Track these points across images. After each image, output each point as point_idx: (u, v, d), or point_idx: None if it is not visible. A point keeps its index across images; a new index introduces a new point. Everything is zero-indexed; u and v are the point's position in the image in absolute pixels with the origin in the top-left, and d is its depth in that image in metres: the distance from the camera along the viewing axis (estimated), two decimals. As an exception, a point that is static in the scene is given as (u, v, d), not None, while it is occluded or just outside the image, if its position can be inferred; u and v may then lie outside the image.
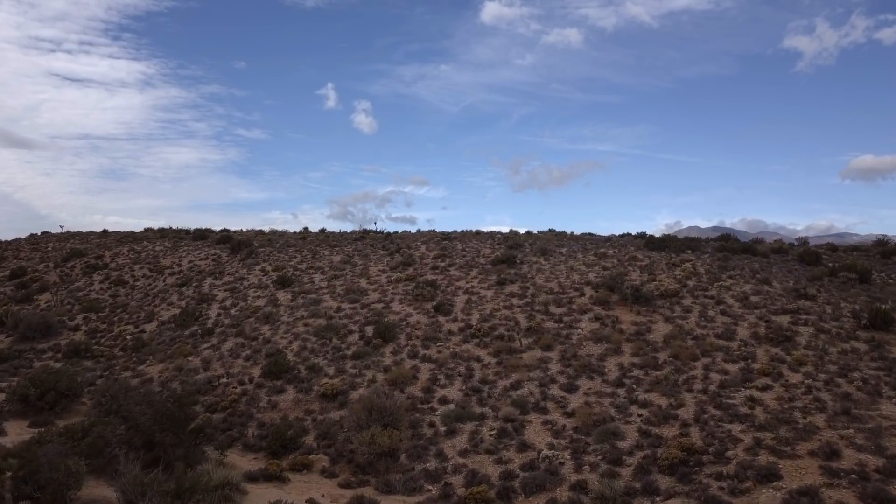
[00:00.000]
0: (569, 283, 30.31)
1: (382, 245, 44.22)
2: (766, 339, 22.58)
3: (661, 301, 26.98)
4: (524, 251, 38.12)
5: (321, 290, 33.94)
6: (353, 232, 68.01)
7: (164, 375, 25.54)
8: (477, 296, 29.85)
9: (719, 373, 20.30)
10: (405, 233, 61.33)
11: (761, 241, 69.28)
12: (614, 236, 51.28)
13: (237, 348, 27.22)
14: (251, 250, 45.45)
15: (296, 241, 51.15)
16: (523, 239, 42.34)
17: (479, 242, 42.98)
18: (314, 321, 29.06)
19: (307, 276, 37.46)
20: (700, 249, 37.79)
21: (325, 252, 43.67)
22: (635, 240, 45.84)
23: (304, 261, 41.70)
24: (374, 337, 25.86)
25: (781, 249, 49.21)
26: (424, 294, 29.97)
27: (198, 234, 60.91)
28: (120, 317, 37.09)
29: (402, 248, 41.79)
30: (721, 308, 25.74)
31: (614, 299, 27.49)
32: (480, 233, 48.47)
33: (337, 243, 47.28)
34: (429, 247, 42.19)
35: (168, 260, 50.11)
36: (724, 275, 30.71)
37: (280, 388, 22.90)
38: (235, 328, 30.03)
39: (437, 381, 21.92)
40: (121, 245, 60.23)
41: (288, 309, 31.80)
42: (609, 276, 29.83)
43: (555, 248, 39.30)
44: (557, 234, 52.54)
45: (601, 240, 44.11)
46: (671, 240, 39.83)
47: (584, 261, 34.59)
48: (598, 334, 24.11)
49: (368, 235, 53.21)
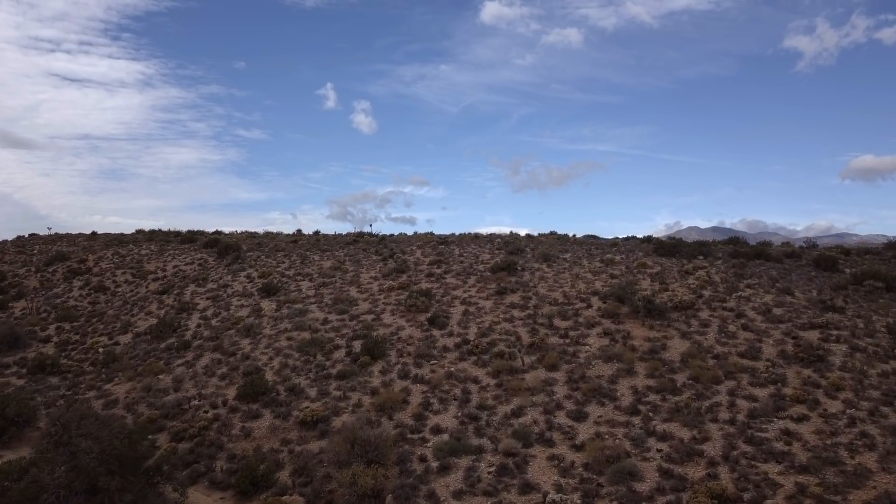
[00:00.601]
0: (574, 293, 28.04)
1: (376, 249, 41.96)
2: (795, 358, 20.31)
3: (676, 314, 24.71)
4: (525, 257, 35.85)
5: (308, 300, 31.67)
6: (347, 234, 65.84)
7: (131, 396, 23.26)
8: (475, 307, 27.58)
9: (747, 399, 18.03)
10: (401, 235, 59.13)
11: (769, 243, 67.06)
12: (619, 240, 49.03)
13: (213, 365, 24.95)
14: (238, 255, 43.17)
15: (286, 245, 48.89)
16: (524, 243, 40.07)
17: (478, 247, 40.72)
18: (298, 335, 26.79)
19: (294, 284, 35.19)
20: (712, 255, 35.54)
21: (316, 257, 41.40)
22: (642, 244, 43.56)
23: (293, 266, 39.43)
24: (361, 353, 23.59)
25: (794, 254, 46.99)
26: (418, 304, 27.71)
27: (186, 237, 58.68)
28: (95, 327, 34.81)
29: (396, 253, 39.53)
30: (742, 322, 23.47)
31: (624, 311, 25.22)
32: (479, 236, 46.21)
33: (328, 247, 45.02)
34: (424, 251, 39.92)
35: (152, 265, 47.86)
36: (742, 284, 28.45)
37: (256, 412, 20.62)
38: (214, 342, 27.76)
39: (430, 406, 19.66)
40: (106, 248, 58.03)
41: (271, 320, 29.52)
42: (618, 286, 27.56)
43: (558, 253, 37.03)
44: (560, 237, 50.30)
45: (607, 244, 41.83)
46: (681, 245, 37.58)
47: (589, 268, 32.32)
48: (607, 352, 21.84)
49: (362, 238, 50.96)
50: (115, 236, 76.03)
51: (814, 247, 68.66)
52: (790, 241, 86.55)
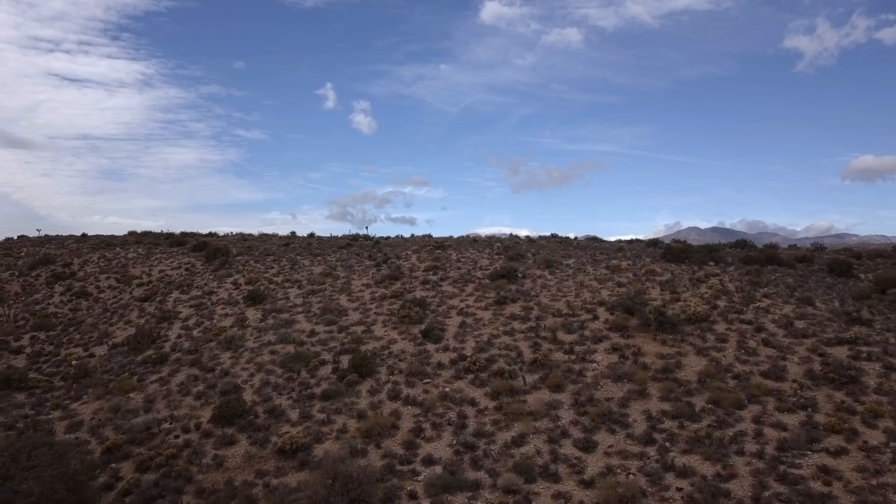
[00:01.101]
0: (579, 303, 26.16)
1: (369, 254, 40.08)
2: (824, 378, 18.45)
3: (690, 327, 22.83)
4: (526, 263, 33.97)
5: (295, 309, 29.79)
6: (342, 237, 64.04)
7: (98, 417, 21.37)
8: (472, 318, 25.70)
9: (775, 427, 16.17)
10: (398, 238, 57.33)
11: (776, 245, 65.23)
12: (623, 242, 47.17)
13: (189, 382, 23.06)
14: (225, 260, 41.28)
15: (277, 249, 47.02)
16: (525, 248, 38.21)
17: (477, 252, 38.85)
18: (282, 348, 24.93)
19: (282, 291, 33.31)
20: (724, 261, 33.66)
21: (306, 262, 39.53)
22: (648, 248, 41.71)
23: (282, 272, 37.56)
24: (349, 370, 21.70)
25: (806, 258, 45.26)
26: (412, 315, 25.83)
27: (175, 240, 56.76)
28: (71, 336, 32.92)
29: (391, 258, 37.65)
30: (763, 337, 21.59)
31: (633, 324, 23.35)
32: (478, 240, 44.34)
33: (321, 251, 43.14)
34: (420, 256, 38.06)
35: (138, 269, 45.99)
36: (758, 293, 26.58)
37: (231, 437, 18.74)
38: (192, 355, 25.88)
39: (422, 433, 17.78)
40: (93, 251, 56.13)
41: (255, 331, 27.65)
42: (626, 296, 25.72)
43: (560, 258, 35.16)
44: (562, 240, 48.44)
45: (611, 248, 39.95)
46: (690, 249, 35.72)
47: (595, 275, 30.44)
48: (617, 370, 19.96)
49: (357, 242, 49.10)
50: (105, 238, 74.16)
51: (821, 249, 66.96)
52: (797, 244, 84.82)
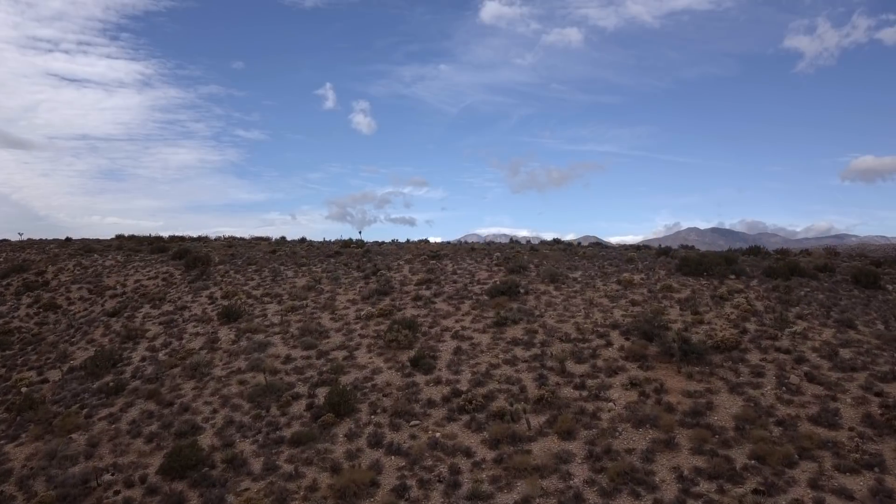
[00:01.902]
0: (589, 326, 23.15)
1: (358, 264, 37.04)
2: (886, 426, 15.47)
3: (718, 356, 19.84)
4: (528, 276, 30.94)
5: (272, 329, 26.78)
6: (335, 242, 61.05)
7: (31, 465, 18.37)
8: (469, 342, 22.69)
9: (837, 495, 13.18)
10: (392, 243, 54.34)
11: (787, 251, 62.27)
12: (633, 251, 44.09)
13: (143, 419, 20.06)
14: (203, 271, 38.25)
15: (262, 257, 43.98)
16: (526, 259, 35.17)
17: (474, 262, 35.82)
18: (253, 377, 21.92)
19: (260, 307, 30.28)
20: (745, 273, 30.65)
21: (290, 273, 36.49)
22: (660, 258, 38.67)
23: (262, 285, 34.54)
24: (325, 407, 18.70)
25: (827, 267, 42.33)
26: (400, 340, 22.82)
27: (156, 246, 53.69)
28: (27, 357, 29.91)
29: (381, 269, 34.62)
30: (805, 370, 18.59)
31: (653, 352, 20.35)
32: (475, 248, 41.32)
33: (307, 260, 40.09)
34: (413, 267, 35.03)
35: (113, 279, 42.99)
36: (791, 313, 23.59)
37: (180, 496, 15.72)
38: (152, 384, 22.88)
39: (407, 492, 14.79)
40: (70, 258, 53.08)
41: (226, 355, 24.65)
42: (642, 317, 22.74)
43: (566, 270, 32.13)
44: (566, 247, 45.41)
45: (620, 258, 36.89)
46: (708, 261, 32.71)
47: (605, 291, 27.42)
48: (637, 412, 16.96)
49: (347, 249, 46.09)
50: (88, 243, 71.30)
51: (836, 255, 63.99)
52: (809, 249, 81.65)
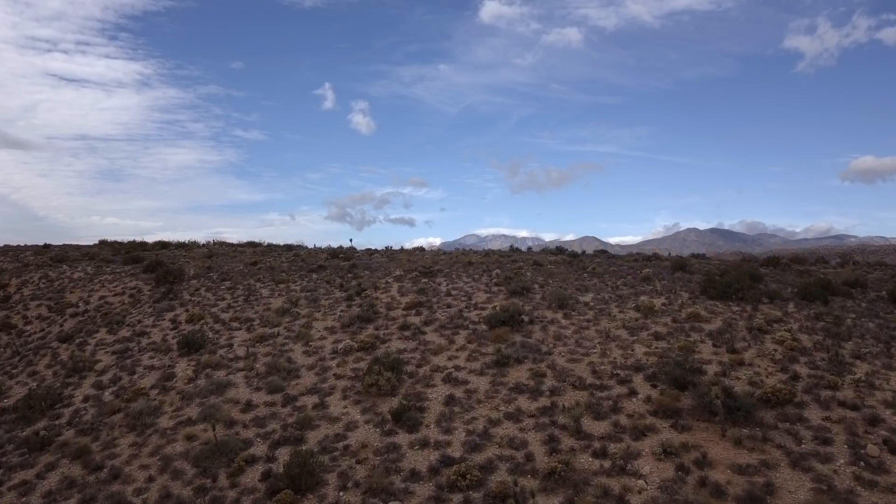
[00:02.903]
0: (607, 367, 19.43)
1: (342, 282, 33.29)
2: None
3: (770, 413, 16.13)
4: (533, 299, 27.21)
5: (235, 364, 23.07)
6: (325, 249, 57.45)
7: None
8: (463, 388, 18.95)
9: None
10: (385, 253, 50.68)
11: (804, 258, 58.62)
12: (642, 261, 40.46)
13: (61, 490, 16.33)
14: (169, 289, 34.50)
15: (239, 271, 40.25)
16: (530, 278, 31.44)
17: (472, 280, 32.08)
18: (204, 430, 18.20)
19: (226, 335, 26.57)
20: (780, 296, 26.94)
21: (265, 292, 32.76)
22: (676, 272, 34.97)
23: (234, 306, 30.80)
24: (283, 479, 14.98)
25: (858, 282, 38.76)
26: (381, 384, 19.09)
27: (130, 256, 49.89)
28: (-42, 393, 26.24)
29: (366, 288, 30.87)
30: (883, 435, 14.89)
31: (687, 405, 16.66)
32: (473, 262, 37.58)
33: (286, 277, 36.35)
34: (402, 286, 31.30)
35: (76, 294, 39.31)
36: (845, 350, 19.89)
37: None
38: (85, 437, 19.19)
39: None
40: (38, 270, 49.31)
41: (178, 398, 20.94)
42: (669, 355, 19.05)
43: (575, 292, 28.41)
44: (571, 259, 41.74)
45: (633, 273, 33.17)
46: (734, 282, 29.02)
47: (622, 320, 23.69)
48: (676, 495, 13.25)
49: (332, 262, 42.37)
50: (70, 248, 67.76)
51: (854, 263, 60.34)
52: (826, 258, 78.03)
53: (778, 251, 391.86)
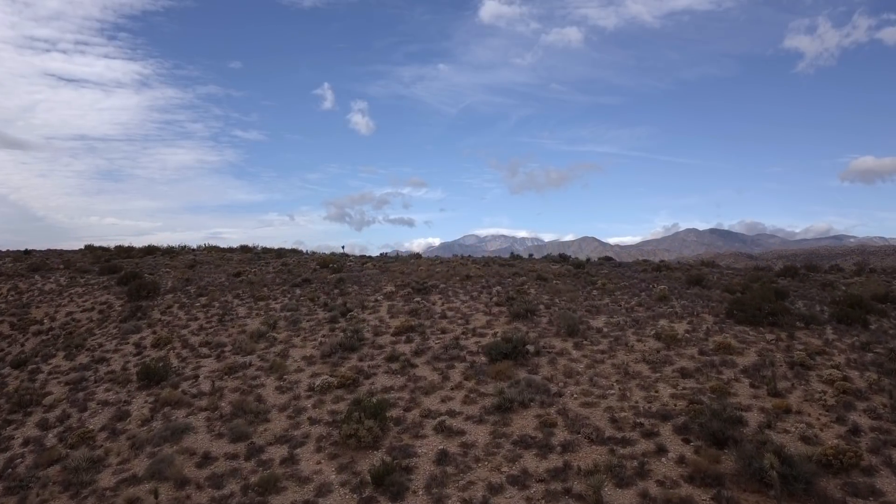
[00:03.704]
0: (629, 414, 16.50)
1: (327, 299, 30.30)
2: None
3: (833, 482, 13.21)
4: (538, 323, 24.25)
5: (198, 401, 20.11)
6: (314, 256, 54.58)
7: None
8: (459, 441, 15.98)
9: None
10: (377, 264, 47.76)
11: (816, 266, 55.80)
12: (652, 270, 37.53)
13: (-32, 574, 13.45)
14: (136, 308, 31.50)
15: (219, 284, 37.29)
16: (534, 297, 28.47)
17: (470, 298, 29.12)
18: (149, 495, 15.23)
19: (193, 363, 23.61)
20: (815, 320, 24.00)
21: (242, 310, 29.78)
22: (692, 287, 32.03)
23: (206, 327, 27.83)
24: (235, 569, 12.04)
25: (889, 296, 36.03)
26: (361, 435, 16.13)
27: (107, 266, 46.86)
28: None
29: (353, 309, 27.89)
30: (981, 517, 11.99)
31: (729, 469, 13.73)
32: (471, 276, 34.63)
33: (267, 292, 33.35)
34: (393, 306, 28.32)
35: (42, 310, 36.32)
36: (905, 392, 16.96)
37: None
38: (10, 499, 16.24)
39: None
40: (8, 280, 46.27)
41: (128, 445, 17.99)
42: (700, 399, 16.13)
43: (585, 314, 25.48)
44: (577, 270, 38.81)
45: (647, 288, 30.20)
46: (760, 296, 26.13)
47: (642, 351, 20.73)
48: None
49: (318, 275, 39.40)
50: (53, 253, 64.83)
51: (871, 271, 57.63)
52: (836, 262, 75.03)
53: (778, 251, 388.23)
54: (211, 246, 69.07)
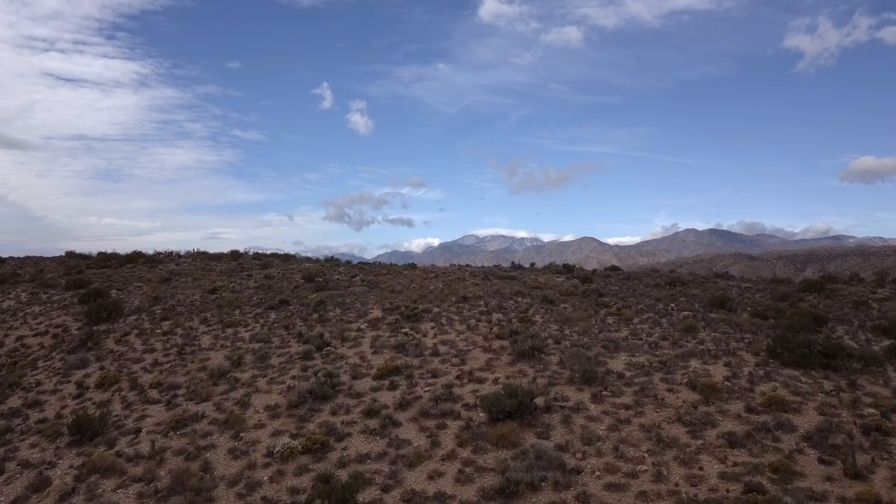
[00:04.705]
0: (668, 502, 12.84)
1: (303, 328, 26.57)
2: None
3: None
4: (547, 365, 20.53)
5: (132, 470, 16.43)
6: (303, 268, 51.00)
7: None
8: (450, 540, 12.35)
9: None
10: (371, 272, 44.08)
11: (833, 277, 52.32)
12: (668, 286, 33.85)
13: None
14: (89, 335, 27.77)
15: (190, 305, 33.60)
16: (542, 328, 24.78)
17: (466, 326, 25.42)
18: None
19: (139, 411, 19.92)
20: (874, 358, 20.31)
21: (205, 341, 26.08)
22: (714, 310, 28.33)
23: (164, 361, 24.14)
24: None
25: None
26: (324, 533, 12.47)
27: (74, 280, 43.08)
28: None
29: (334, 338, 24.21)
30: None
31: None
32: (469, 297, 30.94)
33: (238, 317, 29.63)
34: (378, 336, 24.62)
35: (-8, 332, 32.61)
36: None
37: None
38: None
39: None
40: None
41: (36, 533, 14.33)
42: (767, 492, 12.49)
43: (602, 350, 21.80)
44: (585, 290, 35.19)
45: (666, 311, 26.53)
46: (800, 325, 22.55)
47: (674, 406, 17.01)
48: None
49: (307, 286, 35.71)
50: (31, 262, 61.12)
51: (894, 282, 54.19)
52: (858, 273, 71.79)
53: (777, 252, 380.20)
54: (199, 252, 65.57)
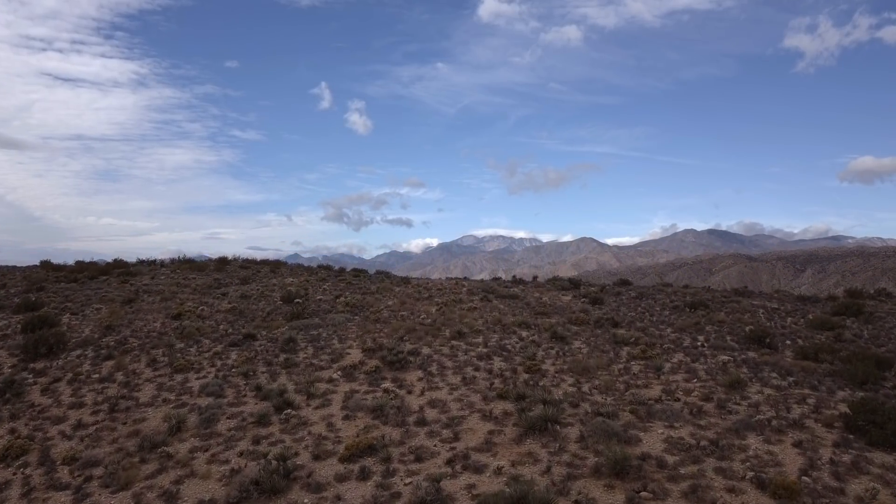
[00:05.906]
0: None
1: (266, 374, 22.12)
2: None
3: None
4: (565, 443, 16.11)
5: None
6: (287, 284, 46.95)
7: None
8: None
9: None
10: (360, 288, 39.78)
11: (858, 291, 48.17)
12: (688, 309, 29.53)
13: None
14: (10, 380, 23.30)
15: (149, 334, 29.18)
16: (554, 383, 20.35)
17: (462, 379, 21.02)
18: None
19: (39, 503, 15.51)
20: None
21: (149, 392, 21.61)
22: (753, 347, 23.98)
23: (89, 422, 19.72)
24: None
25: None
26: None
27: (22, 303, 38.38)
28: None
29: (299, 391, 19.79)
30: None
31: None
32: (464, 332, 26.57)
33: (193, 357, 25.19)
34: (353, 392, 20.23)
35: (-85, 369, 28.16)
36: None
37: None
38: None
39: None
40: None
41: None
42: None
43: (632, 417, 17.42)
44: (593, 303, 30.85)
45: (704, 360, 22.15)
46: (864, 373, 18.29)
47: (738, 516, 12.63)
48: None
49: (285, 308, 31.31)
50: (6, 272, 56.87)
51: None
52: (886, 288, 67.89)
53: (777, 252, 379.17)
54: (183, 261, 61.58)
